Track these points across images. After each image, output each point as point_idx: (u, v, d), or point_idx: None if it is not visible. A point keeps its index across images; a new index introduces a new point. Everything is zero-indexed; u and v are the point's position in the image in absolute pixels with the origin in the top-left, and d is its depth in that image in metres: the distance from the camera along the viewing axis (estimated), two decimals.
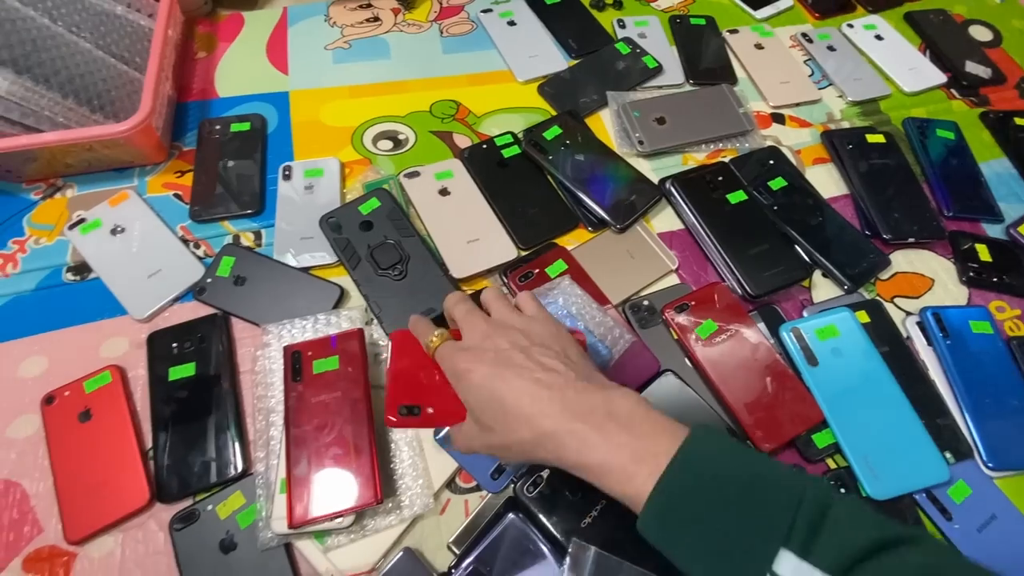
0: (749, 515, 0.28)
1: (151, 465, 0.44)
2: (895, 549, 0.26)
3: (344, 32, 0.72)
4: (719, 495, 0.28)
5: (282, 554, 0.40)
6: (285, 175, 0.58)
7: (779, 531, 0.27)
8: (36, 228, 0.55)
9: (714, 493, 0.28)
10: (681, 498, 0.29)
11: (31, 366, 0.47)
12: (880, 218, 0.58)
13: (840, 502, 0.28)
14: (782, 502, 0.28)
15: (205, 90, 0.66)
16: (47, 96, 0.50)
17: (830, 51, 0.74)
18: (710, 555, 0.28)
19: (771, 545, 0.27)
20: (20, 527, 0.42)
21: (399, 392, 0.37)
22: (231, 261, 0.52)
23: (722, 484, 0.29)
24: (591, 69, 0.69)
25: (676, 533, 0.29)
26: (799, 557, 0.26)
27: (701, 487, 0.29)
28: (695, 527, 0.28)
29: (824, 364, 0.48)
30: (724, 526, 0.28)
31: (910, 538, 0.27)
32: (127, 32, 0.59)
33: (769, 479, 0.29)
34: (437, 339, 0.38)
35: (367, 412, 0.42)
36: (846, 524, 0.27)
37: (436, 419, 0.38)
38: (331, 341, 0.45)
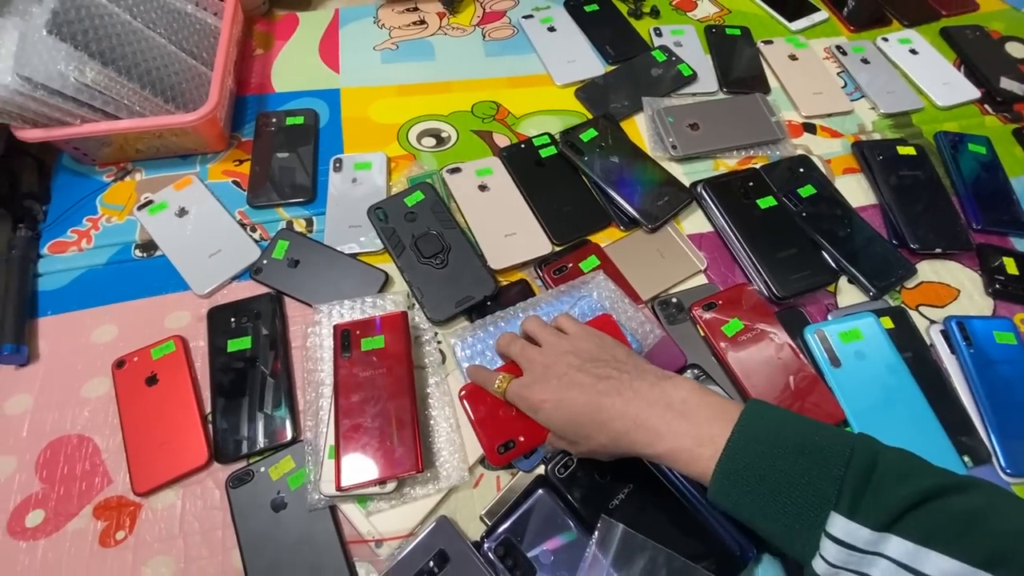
0: (800, 485, 0.31)
1: (210, 428, 0.47)
2: (941, 498, 0.29)
3: (392, 34, 0.76)
4: (772, 468, 0.32)
5: (328, 515, 0.43)
6: (336, 167, 0.61)
7: (828, 497, 0.30)
8: (108, 208, 0.59)
9: (768, 467, 0.32)
10: (740, 474, 0.33)
11: (103, 333, 0.52)
12: (908, 228, 0.59)
13: (885, 456, 0.31)
14: (830, 467, 0.31)
15: (262, 85, 0.70)
16: (127, 86, 0.54)
17: (864, 64, 0.76)
18: (773, 522, 0.32)
19: (823, 510, 0.30)
20: (92, 478, 0.46)
21: (491, 436, 0.44)
22: (286, 244, 0.55)
23: (775, 457, 0.32)
24: (627, 75, 0.72)
25: (742, 504, 0.33)
26: (847, 518, 0.29)
27: (755, 464, 0.32)
28: (757, 499, 0.32)
29: (847, 366, 0.50)
30: (781, 497, 0.31)
31: (957, 485, 0.30)
32: (196, 29, 0.64)
33: (817, 446, 0.32)
34: (503, 382, 0.43)
35: (410, 388, 0.45)
36: (891, 480, 0.30)
37: (528, 444, 0.44)
38: (377, 322, 0.48)
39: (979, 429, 0.49)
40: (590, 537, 0.41)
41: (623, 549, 0.40)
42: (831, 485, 0.30)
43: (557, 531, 0.42)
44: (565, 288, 0.52)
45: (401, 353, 0.47)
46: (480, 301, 0.52)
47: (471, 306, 0.52)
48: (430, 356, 0.50)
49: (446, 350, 0.51)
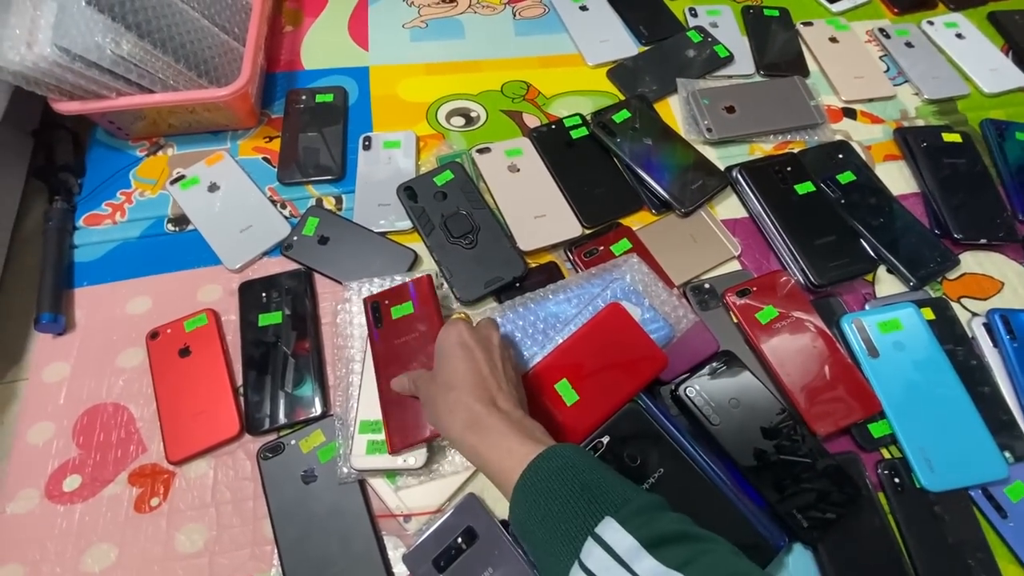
0: (586, 498, 0.31)
1: (241, 401, 0.48)
2: (704, 542, 0.30)
3: (421, 12, 0.75)
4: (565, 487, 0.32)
5: (357, 489, 0.44)
6: (365, 145, 0.61)
7: (609, 506, 0.31)
8: (141, 182, 0.60)
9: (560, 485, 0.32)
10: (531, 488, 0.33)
11: (137, 305, 0.52)
12: (951, 218, 0.57)
13: (668, 511, 0.32)
14: (611, 497, 0.31)
15: (292, 62, 0.70)
16: (162, 60, 0.54)
17: (908, 48, 0.73)
18: (545, 523, 0.32)
19: (598, 514, 0.30)
20: (127, 445, 0.47)
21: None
22: (315, 222, 0.55)
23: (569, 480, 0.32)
24: (661, 56, 0.70)
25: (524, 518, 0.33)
26: (619, 523, 0.29)
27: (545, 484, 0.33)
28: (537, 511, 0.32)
29: (885, 356, 0.49)
30: (562, 506, 0.31)
31: (714, 539, 0.31)
32: (228, 4, 0.63)
33: (612, 480, 0.33)
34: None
35: None
36: (665, 520, 0.31)
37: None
38: (404, 289, 0.48)
39: (1021, 425, 0.47)
40: None
41: None
42: (615, 499, 0.31)
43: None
44: (596, 271, 0.51)
45: (432, 314, 0.47)
46: (509, 282, 0.52)
47: (500, 287, 0.52)
48: None
49: None
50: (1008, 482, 0.45)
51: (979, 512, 0.44)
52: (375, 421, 0.44)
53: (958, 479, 0.44)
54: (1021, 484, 0.45)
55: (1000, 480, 0.44)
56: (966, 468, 0.44)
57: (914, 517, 0.44)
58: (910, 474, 0.45)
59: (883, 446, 0.47)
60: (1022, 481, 0.45)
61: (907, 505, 0.44)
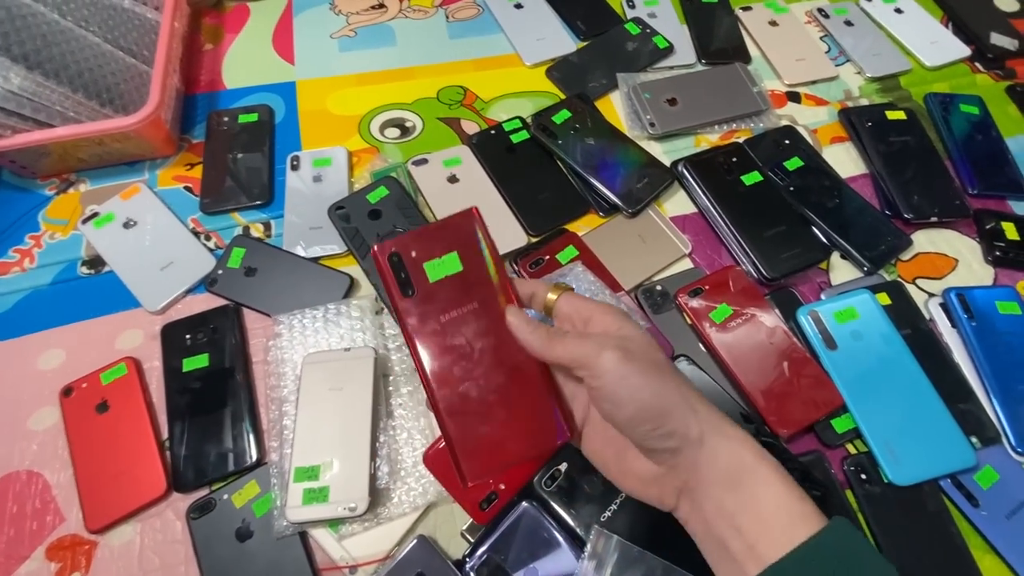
0: None
1: (167, 455, 0.44)
2: None
3: (350, 20, 0.71)
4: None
5: (297, 542, 0.40)
6: (293, 165, 0.58)
7: None
8: (51, 223, 0.55)
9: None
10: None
11: (50, 359, 0.48)
12: (901, 197, 0.56)
13: None
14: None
15: (213, 82, 0.65)
16: (57, 91, 0.50)
17: (847, 26, 0.72)
18: None
19: None
20: (43, 516, 0.42)
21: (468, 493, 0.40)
22: (241, 252, 0.52)
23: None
24: (600, 51, 0.68)
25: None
26: None
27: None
28: None
29: (843, 348, 0.47)
30: None
31: None
32: (134, 25, 0.59)
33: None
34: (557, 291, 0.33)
35: None
36: None
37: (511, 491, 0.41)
38: (441, 231, 0.33)
39: (986, 407, 0.46)
40: (582, 551, 0.38)
41: (619, 562, 0.37)
42: None
43: (545, 547, 0.39)
44: None
45: (489, 273, 0.32)
46: None
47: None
48: (402, 363, 0.47)
49: None
50: (977, 469, 0.43)
51: (950, 502, 0.43)
52: (311, 467, 0.41)
53: (926, 471, 0.43)
54: (990, 469, 0.44)
55: (969, 468, 0.43)
56: (933, 458, 0.43)
57: (883, 513, 0.42)
58: (877, 469, 0.43)
59: (848, 441, 0.45)
60: (991, 466, 0.44)
61: (875, 501, 0.42)
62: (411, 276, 0.31)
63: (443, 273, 0.32)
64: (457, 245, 0.32)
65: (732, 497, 0.27)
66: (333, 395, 0.43)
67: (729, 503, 0.27)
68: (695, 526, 0.29)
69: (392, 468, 0.42)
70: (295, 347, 0.47)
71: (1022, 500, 0.43)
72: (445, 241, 0.32)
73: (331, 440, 0.42)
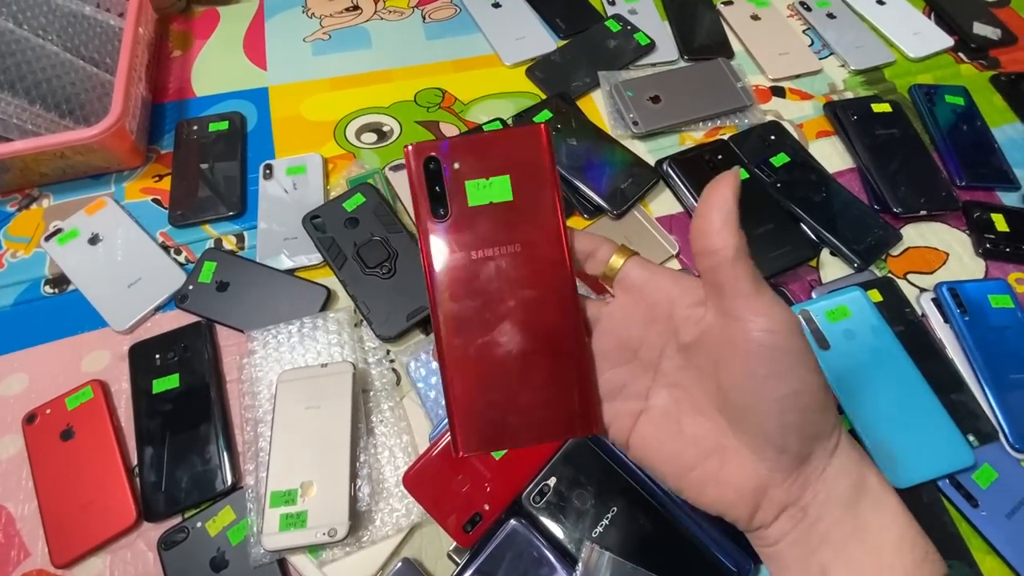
0: None
1: (137, 482, 0.42)
2: None
3: (323, 23, 0.69)
4: None
5: (276, 570, 0.39)
6: (266, 174, 0.56)
7: None
8: (12, 241, 0.53)
9: None
10: None
11: (12, 384, 0.46)
12: (889, 191, 0.55)
13: None
14: None
15: (182, 90, 0.63)
16: (14, 103, 0.48)
17: (830, 19, 0.71)
18: None
19: None
20: (7, 551, 0.40)
21: (451, 517, 0.38)
22: (213, 266, 0.50)
23: None
24: (581, 49, 0.66)
25: None
26: None
27: None
28: None
29: (836, 347, 0.46)
30: None
31: None
32: (96, 33, 0.57)
33: None
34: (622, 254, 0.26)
35: (568, 281, 0.26)
36: None
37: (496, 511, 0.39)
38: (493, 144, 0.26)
39: (982, 404, 0.45)
40: (573, 569, 0.36)
41: None
42: None
43: (536, 566, 0.37)
44: None
45: (545, 211, 0.26)
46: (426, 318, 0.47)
47: (424, 317, 0.47)
48: (382, 378, 0.45)
49: (400, 370, 0.46)
50: (976, 468, 0.42)
51: (949, 503, 0.42)
52: (288, 491, 0.39)
53: (924, 472, 0.42)
54: (989, 468, 0.43)
55: (967, 467, 0.42)
56: (931, 459, 0.42)
57: None
58: None
59: None
60: (990, 464, 0.43)
61: None
62: (447, 193, 0.25)
63: (488, 199, 0.25)
64: (512, 167, 0.25)
65: (850, 521, 0.23)
66: (310, 414, 0.41)
67: (842, 530, 0.23)
68: (785, 551, 0.24)
69: (374, 489, 0.41)
70: (270, 364, 0.45)
71: (1022, 498, 0.42)
72: (499, 159, 0.25)
73: (309, 462, 0.40)
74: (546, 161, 0.26)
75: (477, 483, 0.39)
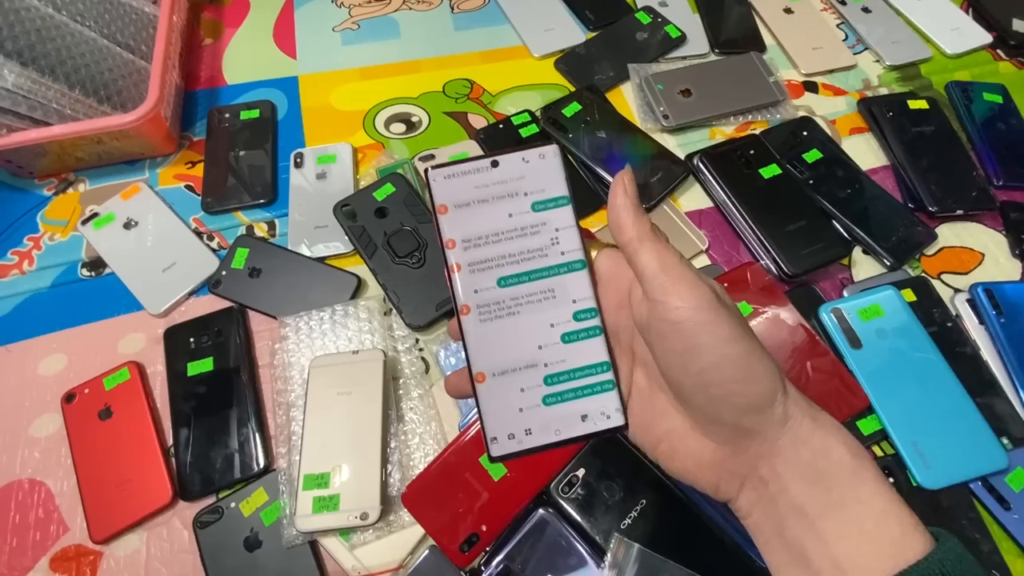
0: None
1: (172, 462, 0.43)
2: None
3: (352, 12, 0.70)
4: None
5: (307, 552, 0.39)
6: (296, 163, 0.56)
7: None
8: (50, 224, 0.54)
9: None
10: None
11: (51, 364, 0.47)
12: (924, 189, 0.54)
13: None
14: None
15: (213, 78, 0.64)
16: (53, 88, 0.49)
17: (865, 13, 0.70)
18: None
19: None
20: (46, 526, 0.41)
21: (448, 536, 0.38)
22: (245, 253, 0.50)
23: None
24: (610, 41, 0.66)
25: None
26: None
27: None
28: None
29: (868, 346, 0.45)
30: None
31: None
32: (132, 20, 0.57)
33: None
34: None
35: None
36: None
37: (493, 532, 0.39)
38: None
39: (1016, 406, 0.45)
40: (601, 560, 0.37)
41: (641, 571, 0.36)
42: None
43: (564, 555, 0.38)
44: None
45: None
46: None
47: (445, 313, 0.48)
48: (412, 366, 0.46)
49: (429, 358, 0.47)
50: (1009, 470, 0.42)
51: (981, 505, 0.42)
52: (321, 474, 0.39)
53: (956, 473, 0.41)
54: (1022, 471, 0.42)
55: (1000, 470, 0.41)
56: (963, 460, 0.42)
57: None
58: (905, 472, 0.42)
59: (874, 443, 0.44)
60: (1023, 467, 0.42)
61: None
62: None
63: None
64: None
65: (819, 497, 0.23)
66: (342, 399, 0.42)
67: (814, 504, 0.23)
68: (760, 522, 0.24)
69: (404, 475, 0.41)
70: (302, 350, 0.45)
71: None
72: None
73: (341, 446, 0.40)
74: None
75: (475, 503, 0.39)
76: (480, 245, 0.25)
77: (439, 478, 0.40)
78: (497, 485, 0.40)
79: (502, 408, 0.25)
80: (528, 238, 0.25)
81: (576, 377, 0.25)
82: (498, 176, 0.26)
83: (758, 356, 0.23)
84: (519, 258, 0.25)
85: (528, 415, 0.25)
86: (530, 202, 0.26)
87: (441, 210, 0.26)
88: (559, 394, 0.25)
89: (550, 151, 0.26)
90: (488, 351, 0.25)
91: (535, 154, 0.26)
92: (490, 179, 0.26)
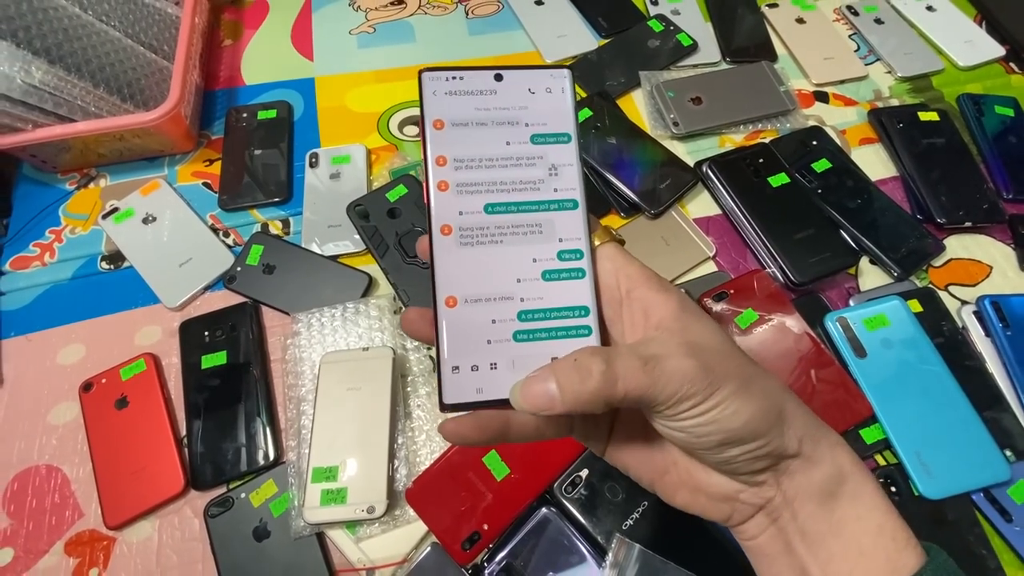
0: None
1: (185, 452, 0.44)
2: None
3: (368, 16, 0.71)
4: None
5: (314, 543, 0.40)
6: (311, 163, 0.57)
7: None
8: (71, 217, 0.55)
9: None
10: None
11: (69, 354, 0.48)
12: (933, 201, 0.54)
13: None
14: None
15: (232, 78, 0.65)
16: (79, 85, 0.50)
17: (877, 24, 0.70)
18: None
19: None
20: (62, 511, 0.42)
21: (450, 534, 0.39)
22: (260, 249, 0.51)
23: None
24: (622, 48, 0.67)
25: None
26: None
27: None
28: None
29: (873, 356, 0.46)
30: None
31: None
32: (155, 20, 0.59)
33: None
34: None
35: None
36: None
37: (495, 531, 0.39)
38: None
39: (1021, 420, 0.45)
40: (603, 560, 0.37)
41: (642, 572, 0.36)
42: None
43: (565, 554, 0.38)
44: None
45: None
46: None
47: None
48: (420, 364, 0.47)
49: None
50: (1011, 483, 0.42)
51: (982, 517, 0.42)
52: (329, 468, 0.40)
53: (959, 484, 0.41)
54: None
55: (1003, 482, 0.41)
56: (966, 471, 0.42)
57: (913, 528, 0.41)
58: (907, 482, 0.42)
59: (877, 452, 0.44)
60: None
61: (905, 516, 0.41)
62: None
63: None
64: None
65: (823, 518, 0.23)
66: (351, 395, 0.43)
67: (819, 526, 0.23)
68: (765, 545, 0.24)
69: (410, 470, 0.42)
70: (313, 346, 0.46)
71: None
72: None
73: (349, 441, 0.41)
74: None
75: (478, 502, 0.40)
76: (472, 167, 0.24)
77: (442, 477, 0.41)
78: (499, 485, 0.40)
79: (470, 336, 0.23)
80: (523, 169, 0.24)
81: (551, 317, 0.23)
82: (500, 102, 0.24)
83: (759, 407, 0.22)
84: (510, 187, 0.24)
85: (496, 348, 0.23)
86: (530, 133, 0.24)
87: (437, 125, 0.24)
88: (531, 331, 0.23)
89: (558, 85, 0.25)
90: (463, 276, 0.23)
91: (543, 86, 0.25)
92: (492, 103, 0.24)
